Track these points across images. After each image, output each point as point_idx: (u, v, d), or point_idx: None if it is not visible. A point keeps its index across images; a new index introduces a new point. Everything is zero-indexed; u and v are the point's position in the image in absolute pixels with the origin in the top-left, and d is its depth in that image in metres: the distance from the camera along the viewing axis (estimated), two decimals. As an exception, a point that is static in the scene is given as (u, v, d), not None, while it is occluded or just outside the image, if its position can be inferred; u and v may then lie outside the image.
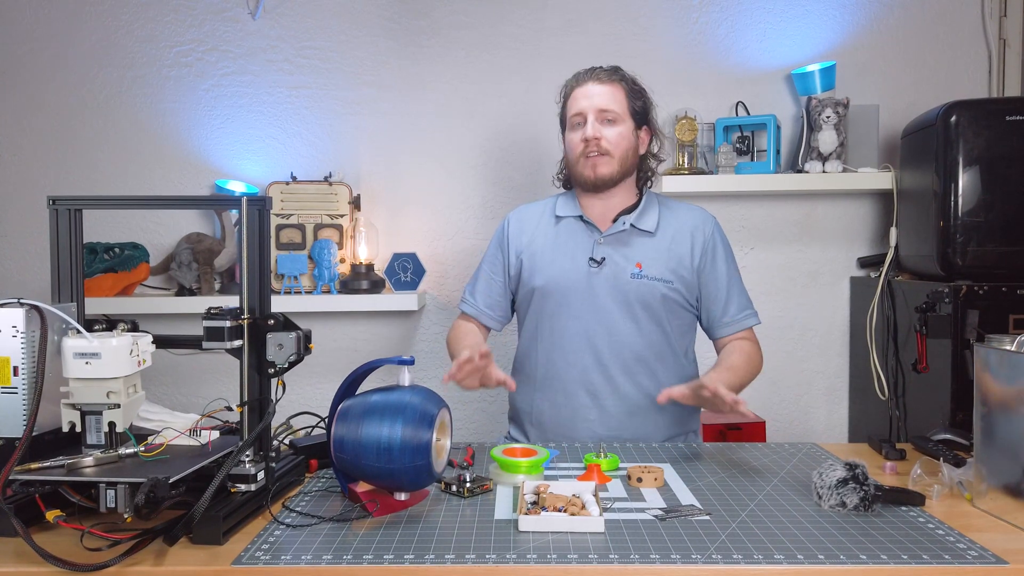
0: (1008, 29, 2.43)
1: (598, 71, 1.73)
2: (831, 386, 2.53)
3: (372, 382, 1.23)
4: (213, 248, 2.35)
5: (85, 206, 1.19)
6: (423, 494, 1.20)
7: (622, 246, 1.72)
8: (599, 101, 1.70)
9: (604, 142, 1.69)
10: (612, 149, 1.70)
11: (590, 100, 1.70)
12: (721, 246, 1.76)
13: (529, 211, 1.85)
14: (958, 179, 1.94)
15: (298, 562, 0.97)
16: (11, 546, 1.01)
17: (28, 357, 1.05)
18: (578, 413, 1.69)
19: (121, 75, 2.48)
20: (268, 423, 1.14)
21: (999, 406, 1.14)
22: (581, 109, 1.71)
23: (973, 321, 1.86)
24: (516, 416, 1.81)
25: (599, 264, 1.70)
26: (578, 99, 1.72)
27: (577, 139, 1.72)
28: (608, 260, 1.70)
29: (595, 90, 1.70)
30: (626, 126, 1.72)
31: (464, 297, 1.86)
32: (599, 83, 1.71)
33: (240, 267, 1.15)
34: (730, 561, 0.97)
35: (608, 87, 1.71)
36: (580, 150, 1.71)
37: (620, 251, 1.71)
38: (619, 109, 1.71)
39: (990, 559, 0.97)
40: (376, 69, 2.48)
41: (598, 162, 1.70)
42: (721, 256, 1.75)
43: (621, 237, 1.72)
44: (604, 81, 1.71)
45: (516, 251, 1.79)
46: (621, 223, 1.72)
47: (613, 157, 1.70)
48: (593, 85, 1.71)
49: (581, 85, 1.72)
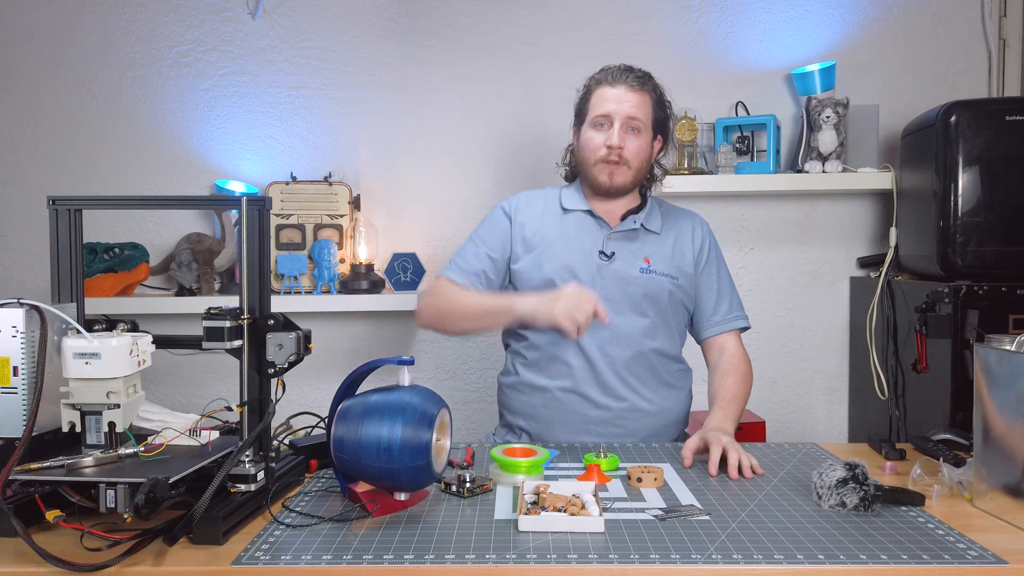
0: (1008, 29, 2.43)
1: (631, 77, 1.69)
2: (831, 386, 2.53)
3: (372, 382, 1.23)
4: (213, 248, 2.35)
5: (85, 206, 1.19)
6: (423, 494, 1.20)
7: (630, 243, 1.73)
8: (629, 109, 1.67)
9: (626, 152, 1.68)
10: (632, 159, 1.69)
11: (620, 105, 1.67)
12: (714, 250, 1.80)
13: (533, 199, 1.82)
14: (958, 179, 1.94)
15: (298, 562, 0.97)
16: (11, 546, 1.01)
17: (28, 357, 1.05)
18: (578, 404, 1.67)
19: (121, 75, 2.48)
20: (268, 423, 1.14)
21: (999, 406, 1.14)
22: (609, 112, 1.68)
23: (973, 321, 1.86)
24: (510, 405, 1.76)
25: (609, 258, 1.70)
26: (607, 100, 1.68)
27: (599, 142, 1.69)
28: (618, 255, 1.71)
29: (627, 96, 1.67)
30: (647, 137, 1.71)
31: (453, 265, 1.75)
32: (632, 90, 1.68)
33: (240, 267, 1.15)
34: (730, 561, 0.97)
35: (639, 95, 1.68)
36: (601, 154, 1.69)
37: (629, 247, 1.72)
38: (645, 119, 1.69)
39: (990, 559, 0.97)
40: (376, 69, 2.48)
41: (616, 171, 1.69)
42: (715, 257, 1.79)
43: (630, 235, 1.73)
44: (637, 89, 1.68)
45: (521, 234, 1.75)
46: (631, 221, 1.74)
47: (631, 168, 1.70)
48: (626, 91, 1.68)
49: (614, 86, 1.68)
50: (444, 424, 1.19)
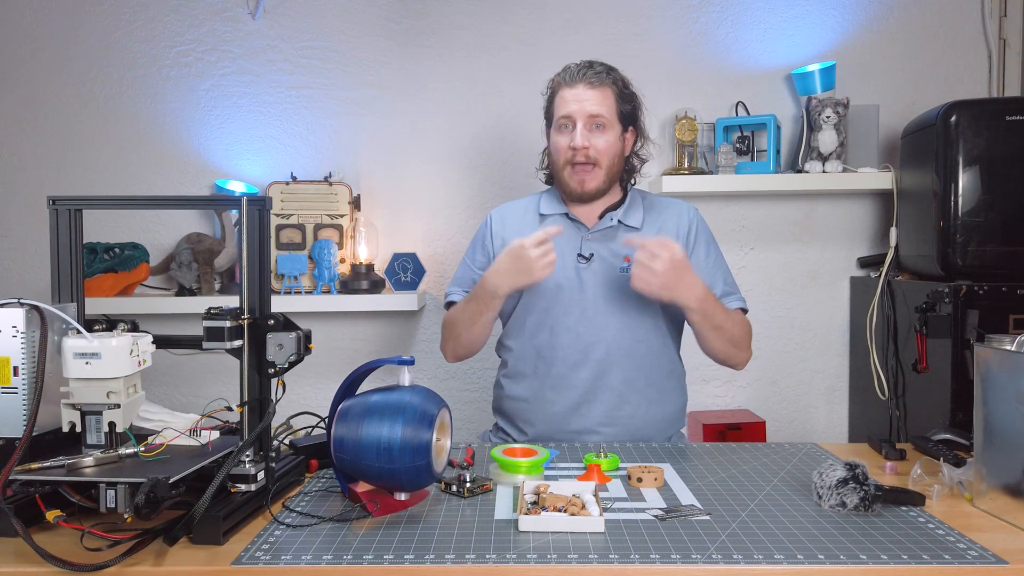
0: (1008, 29, 2.43)
1: (590, 73, 1.66)
2: (831, 386, 2.53)
3: (372, 382, 1.23)
4: (213, 248, 2.35)
5: (85, 206, 1.19)
6: (423, 494, 1.20)
7: (610, 242, 1.70)
8: (589, 107, 1.65)
9: (592, 151, 1.66)
10: (600, 158, 1.67)
11: (580, 105, 1.65)
12: (703, 235, 1.75)
13: (512, 209, 1.82)
14: (958, 179, 1.94)
15: (298, 562, 0.97)
16: (11, 546, 1.01)
17: (28, 357, 1.05)
18: (569, 409, 1.68)
19: (121, 75, 2.48)
20: (268, 423, 1.14)
21: (999, 406, 1.14)
22: (570, 113, 1.66)
23: (973, 321, 1.86)
24: (504, 411, 1.78)
25: (588, 260, 1.69)
26: (567, 101, 1.67)
27: (564, 144, 1.68)
28: (596, 256, 1.69)
29: (586, 95, 1.65)
30: (614, 132, 1.68)
31: (451, 291, 1.81)
32: (591, 87, 1.65)
33: (240, 267, 1.15)
34: (730, 561, 0.97)
35: (599, 91, 1.66)
36: (567, 156, 1.68)
37: (608, 247, 1.70)
38: (609, 115, 1.66)
39: (990, 559, 0.97)
40: (376, 69, 2.48)
41: (586, 177, 1.67)
42: (703, 244, 1.74)
43: (608, 233, 1.71)
44: (596, 85, 1.65)
45: (500, 248, 1.74)
46: (608, 219, 1.71)
47: (600, 167, 1.67)
48: (584, 89, 1.65)
49: (572, 86, 1.66)
50: (444, 424, 1.19)
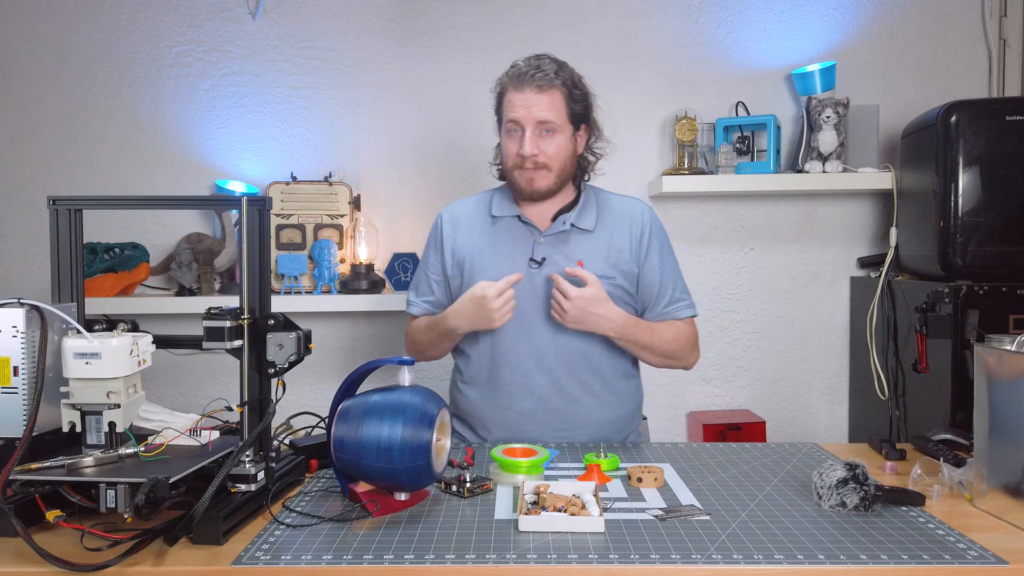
0: (1008, 29, 2.43)
1: (538, 76, 1.59)
2: (831, 386, 2.53)
3: (372, 382, 1.23)
4: (213, 248, 2.35)
5: (85, 206, 1.19)
6: (423, 494, 1.20)
7: (562, 245, 1.67)
8: (538, 113, 1.59)
9: (542, 157, 1.61)
10: (551, 162, 1.63)
11: (528, 111, 1.59)
12: (656, 237, 1.71)
13: (462, 209, 1.77)
14: (958, 179, 1.94)
15: (298, 562, 0.97)
16: (11, 546, 1.01)
17: (28, 357, 1.05)
18: (523, 414, 1.65)
19: (121, 75, 2.48)
20: (268, 423, 1.14)
21: (999, 406, 1.14)
22: (518, 118, 1.60)
23: (973, 321, 1.86)
24: (460, 415, 1.75)
25: (540, 264, 1.65)
26: (515, 105, 1.60)
27: (513, 150, 1.63)
28: (549, 260, 1.65)
29: (534, 100, 1.59)
30: (565, 134, 1.63)
31: (411, 300, 1.78)
32: (539, 91, 1.59)
33: (240, 267, 1.15)
34: (730, 561, 0.97)
35: (548, 95, 1.59)
36: (516, 162, 1.64)
37: (560, 250, 1.66)
38: (558, 119, 1.60)
39: (990, 559, 0.97)
40: (376, 69, 2.48)
41: (535, 176, 1.63)
42: (655, 247, 1.70)
43: (561, 236, 1.67)
44: (544, 88, 1.59)
45: (451, 251, 1.72)
46: (561, 223, 1.67)
47: (551, 170, 1.63)
48: (533, 93, 1.59)
49: (520, 90, 1.60)
50: (444, 424, 1.19)
